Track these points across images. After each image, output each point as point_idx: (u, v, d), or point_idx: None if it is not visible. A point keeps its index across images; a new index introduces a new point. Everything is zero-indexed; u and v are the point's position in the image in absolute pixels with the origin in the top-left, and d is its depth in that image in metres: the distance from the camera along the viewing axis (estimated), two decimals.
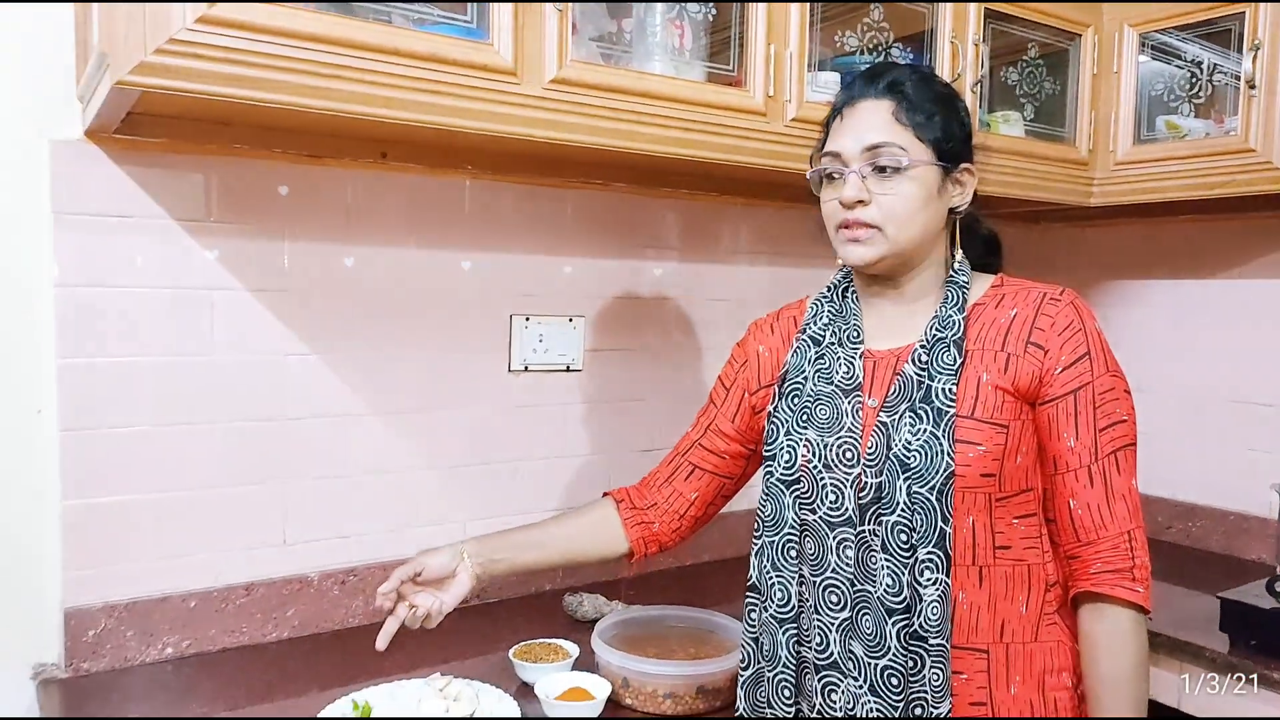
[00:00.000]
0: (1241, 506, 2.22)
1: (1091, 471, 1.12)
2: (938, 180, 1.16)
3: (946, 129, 1.16)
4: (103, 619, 1.48)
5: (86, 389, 1.45)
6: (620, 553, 1.38)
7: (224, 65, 1.13)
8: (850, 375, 1.19)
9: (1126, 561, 1.11)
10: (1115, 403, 1.13)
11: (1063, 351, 1.13)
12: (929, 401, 1.12)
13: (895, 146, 1.14)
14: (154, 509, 1.51)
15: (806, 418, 1.20)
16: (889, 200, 1.14)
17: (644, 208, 1.99)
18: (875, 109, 1.16)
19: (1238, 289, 2.26)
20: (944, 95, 1.19)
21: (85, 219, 1.44)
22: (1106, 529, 1.11)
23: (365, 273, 1.67)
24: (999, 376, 1.13)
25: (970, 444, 1.10)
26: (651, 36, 1.56)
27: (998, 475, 1.11)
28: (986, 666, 1.12)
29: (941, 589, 1.09)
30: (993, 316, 1.17)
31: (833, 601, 1.16)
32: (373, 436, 1.71)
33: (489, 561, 1.31)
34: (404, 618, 1.25)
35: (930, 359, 1.14)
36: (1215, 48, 2.00)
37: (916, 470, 1.10)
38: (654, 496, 1.39)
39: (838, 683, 1.15)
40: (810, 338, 1.26)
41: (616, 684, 1.38)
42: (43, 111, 1.42)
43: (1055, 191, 2.06)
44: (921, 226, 1.16)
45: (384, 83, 1.24)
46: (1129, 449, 1.14)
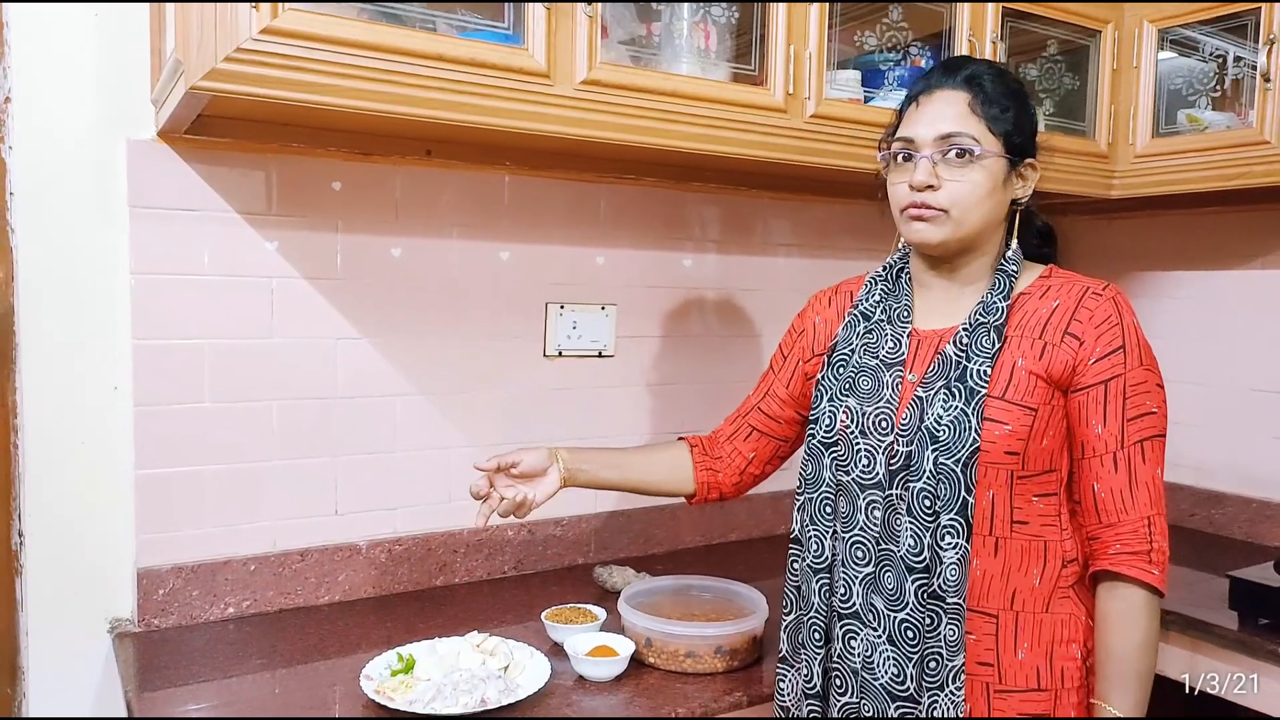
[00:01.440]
0: (1265, 494, 2.25)
1: (1117, 458, 1.17)
2: (1004, 172, 1.23)
3: (1017, 123, 1.23)
4: (171, 579, 1.61)
5: (158, 368, 1.58)
6: (686, 492, 1.50)
7: (286, 71, 1.25)
8: (896, 351, 1.27)
9: (1144, 545, 1.16)
10: (1146, 395, 1.18)
11: (1098, 344, 1.18)
12: (963, 381, 1.18)
13: (968, 136, 1.20)
14: (217, 479, 1.65)
15: (850, 387, 1.28)
16: (958, 186, 1.20)
17: (673, 202, 2.08)
18: (952, 99, 1.23)
19: (1260, 279, 2.28)
20: (1017, 92, 1.25)
21: (157, 212, 1.57)
22: (1128, 513, 1.17)
23: (411, 262, 1.79)
24: (1034, 363, 1.19)
25: (997, 423, 1.17)
26: (678, 39, 1.65)
27: (1021, 454, 1.17)
28: (995, 630, 1.19)
29: (960, 553, 1.16)
30: (1035, 306, 1.23)
31: (858, 557, 1.24)
32: (417, 416, 1.82)
33: (577, 469, 1.44)
34: (496, 505, 1.39)
35: (970, 341, 1.21)
36: (1235, 40, 2.03)
37: (944, 443, 1.17)
38: (720, 450, 1.50)
39: (857, 631, 1.24)
40: (861, 313, 1.33)
41: (640, 643, 1.48)
42: (120, 114, 1.55)
43: (1076, 184, 2.11)
44: (985, 214, 1.22)
45: (429, 85, 1.35)
46: (1156, 440, 1.19)
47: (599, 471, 1.47)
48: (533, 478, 1.42)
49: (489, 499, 1.40)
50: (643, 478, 1.51)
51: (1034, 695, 1.19)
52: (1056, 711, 1.20)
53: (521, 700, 1.33)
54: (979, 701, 1.20)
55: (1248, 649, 1.67)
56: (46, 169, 1.52)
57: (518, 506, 1.39)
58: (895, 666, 1.20)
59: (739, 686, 1.43)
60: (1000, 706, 1.19)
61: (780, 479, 1.98)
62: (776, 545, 2.17)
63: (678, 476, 1.50)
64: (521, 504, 1.40)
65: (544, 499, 1.42)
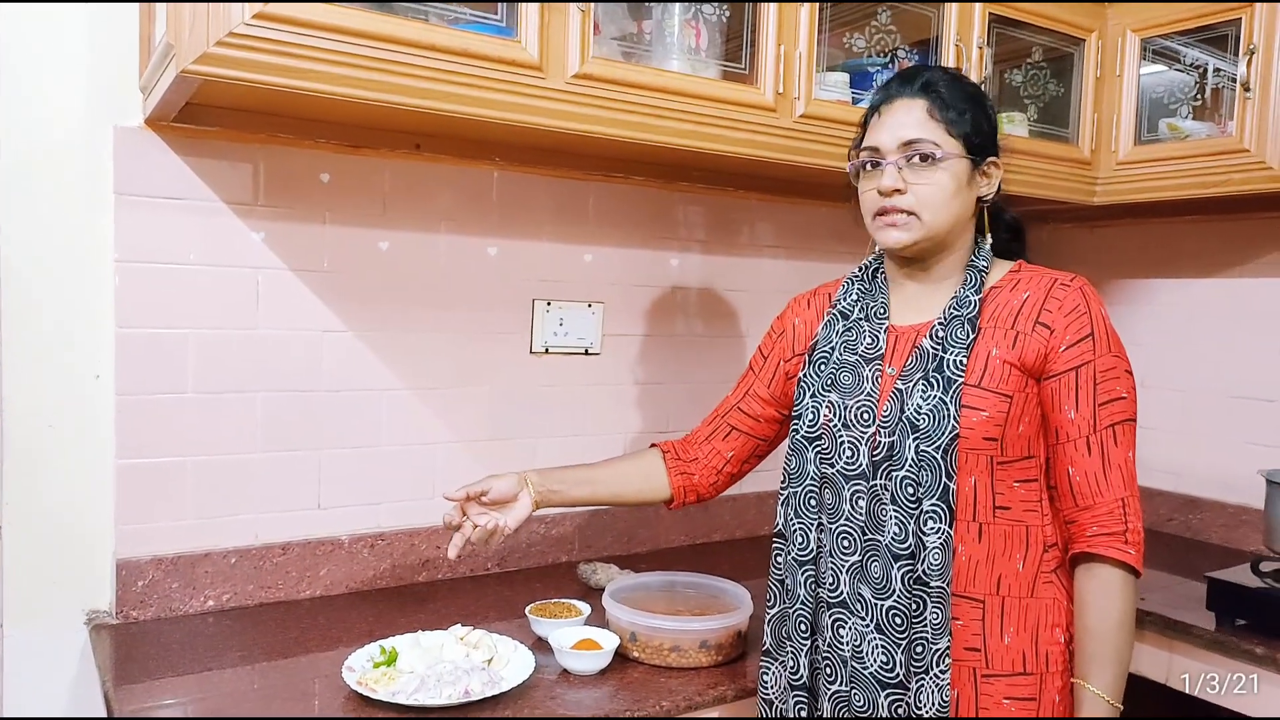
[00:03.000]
0: (1241, 499, 2.27)
1: (1090, 442, 1.21)
2: (967, 172, 1.27)
3: (976, 125, 1.27)
4: (151, 571, 1.59)
5: (141, 357, 1.57)
6: (662, 498, 1.52)
7: (277, 57, 1.25)
8: (874, 346, 1.31)
9: (1120, 525, 1.20)
10: (1115, 381, 1.22)
11: (1067, 331, 1.22)
12: (941, 371, 1.22)
13: (929, 141, 1.25)
14: (199, 471, 1.63)
15: (831, 382, 1.32)
16: (924, 189, 1.25)
17: (662, 201, 2.09)
18: (911, 107, 1.27)
19: (1239, 288, 2.32)
20: (973, 94, 1.30)
21: (143, 200, 1.56)
22: (1102, 495, 1.20)
23: (399, 256, 1.79)
24: (1007, 351, 1.23)
25: (975, 409, 1.20)
26: (669, 36, 1.66)
27: (999, 440, 1.21)
28: (981, 615, 1.22)
29: (943, 538, 1.18)
30: (1007, 298, 1.27)
31: (845, 546, 1.27)
32: (402, 410, 1.81)
33: (548, 491, 1.46)
34: (470, 535, 1.40)
35: (946, 334, 1.25)
36: (1214, 52, 2.07)
37: (925, 431, 1.20)
38: (695, 452, 1.52)
39: (845, 620, 1.26)
40: (840, 312, 1.37)
41: (625, 638, 1.47)
42: (107, 100, 1.54)
43: (1059, 190, 2.13)
44: (953, 214, 1.27)
45: (421, 75, 1.35)
46: (1127, 424, 1.22)
47: (570, 490, 1.49)
48: (504, 504, 1.44)
49: (462, 528, 1.41)
50: (615, 491, 1.53)
51: (1020, 679, 1.21)
52: (1042, 694, 1.22)
53: (505, 692, 1.32)
54: (966, 686, 1.21)
55: (1225, 649, 1.69)
56: (33, 155, 1.51)
57: (490, 534, 1.41)
58: (884, 654, 1.21)
59: (723, 681, 1.43)
60: (987, 690, 1.21)
61: (763, 480, 2.00)
62: (760, 544, 2.18)
63: (652, 485, 1.52)
64: (494, 532, 1.41)
65: (516, 525, 1.44)
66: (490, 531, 1.41)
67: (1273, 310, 2.25)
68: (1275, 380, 2.24)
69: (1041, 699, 1.22)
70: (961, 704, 1.21)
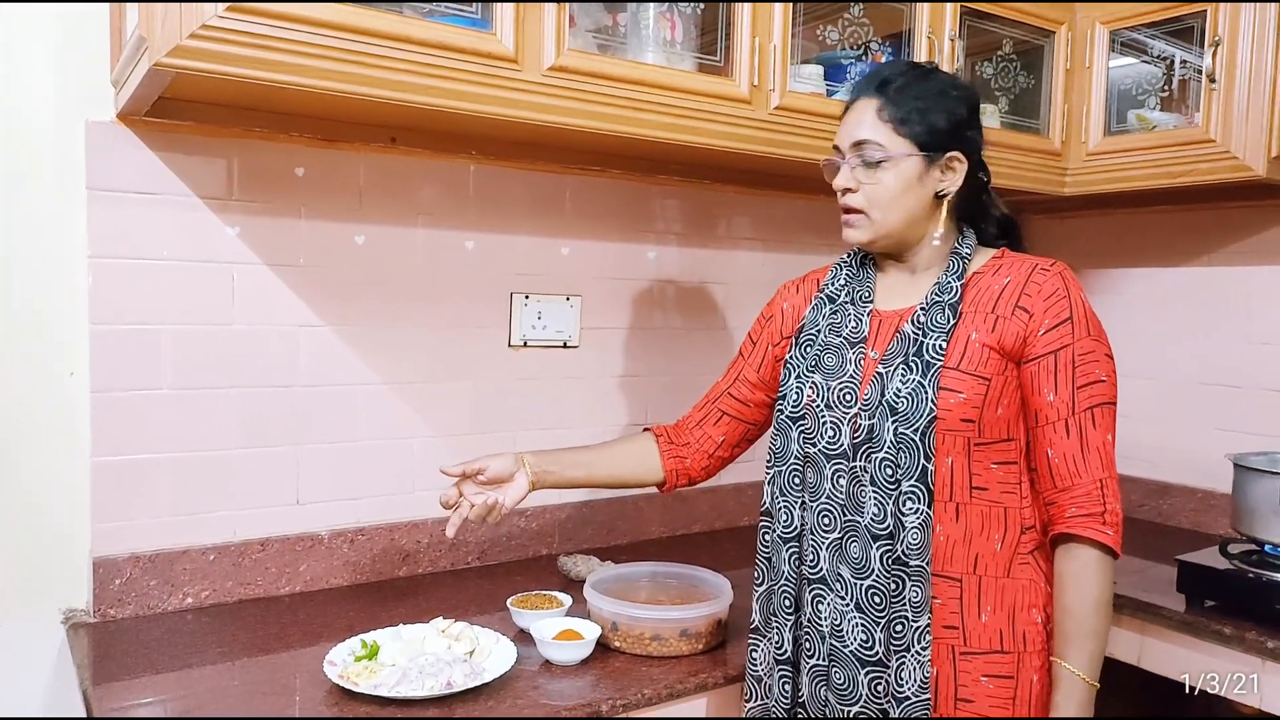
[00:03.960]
0: (1210, 484, 2.32)
1: (1069, 424, 1.23)
2: (919, 170, 1.29)
3: (929, 123, 1.28)
4: (128, 568, 1.58)
5: (116, 353, 1.56)
6: (655, 481, 1.54)
7: (251, 49, 1.24)
8: (858, 329, 1.33)
9: (1098, 507, 1.22)
10: (1094, 364, 1.24)
11: (1046, 315, 1.24)
12: (920, 355, 1.25)
13: (873, 143, 1.28)
14: (177, 467, 1.62)
15: (815, 364, 1.34)
16: (872, 189, 1.29)
17: (639, 194, 2.09)
18: (864, 107, 1.30)
19: (1206, 276, 2.36)
20: (933, 91, 1.30)
21: (116, 195, 1.54)
22: (1081, 477, 1.22)
23: (375, 250, 1.78)
24: (987, 335, 1.25)
25: (953, 391, 1.23)
26: (645, 29, 1.67)
27: (977, 421, 1.23)
28: (959, 594, 1.24)
29: (922, 518, 1.21)
30: (989, 284, 1.29)
31: (825, 524, 1.29)
32: (380, 405, 1.81)
33: (544, 472, 1.46)
34: (467, 513, 1.41)
35: (927, 319, 1.27)
36: (1181, 44, 2.10)
37: (903, 414, 1.23)
38: (687, 437, 1.54)
39: (824, 595, 1.28)
40: (827, 296, 1.40)
41: (606, 628, 1.48)
42: (79, 95, 1.52)
43: (1030, 181, 2.16)
44: (904, 211, 1.29)
45: (396, 68, 1.35)
46: (1105, 406, 1.24)
47: (566, 471, 1.49)
48: (500, 483, 1.44)
49: (458, 507, 1.42)
50: (610, 473, 1.54)
51: (998, 657, 1.24)
52: (1020, 673, 1.24)
53: (488, 683, 1.33)
54: (945, 664, 1.24)
55: (1194, 630, 1.72)
56: (2, 150, 1.49)
57: (488, 512, 1.41)
58: (864, 632, 1.24)
59: (704, 669, 1.45)
60: (965, 668, 1.23)
61: (742, 471, 2.01)
62: (739, 535, 2.20)
63: (646, 466, 1.53)
64: (491, 508, 1.41)
65: (513, 504, 1.44)
66: (488, 508, 1.41)
67: (1239, 298, 2.30)
68: (1242, 367, 2.28)
69: (1019, 677, 1.24)
70: (940, 681, 1.24)
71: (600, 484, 1.56)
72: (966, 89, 1.34)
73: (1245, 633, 1.65)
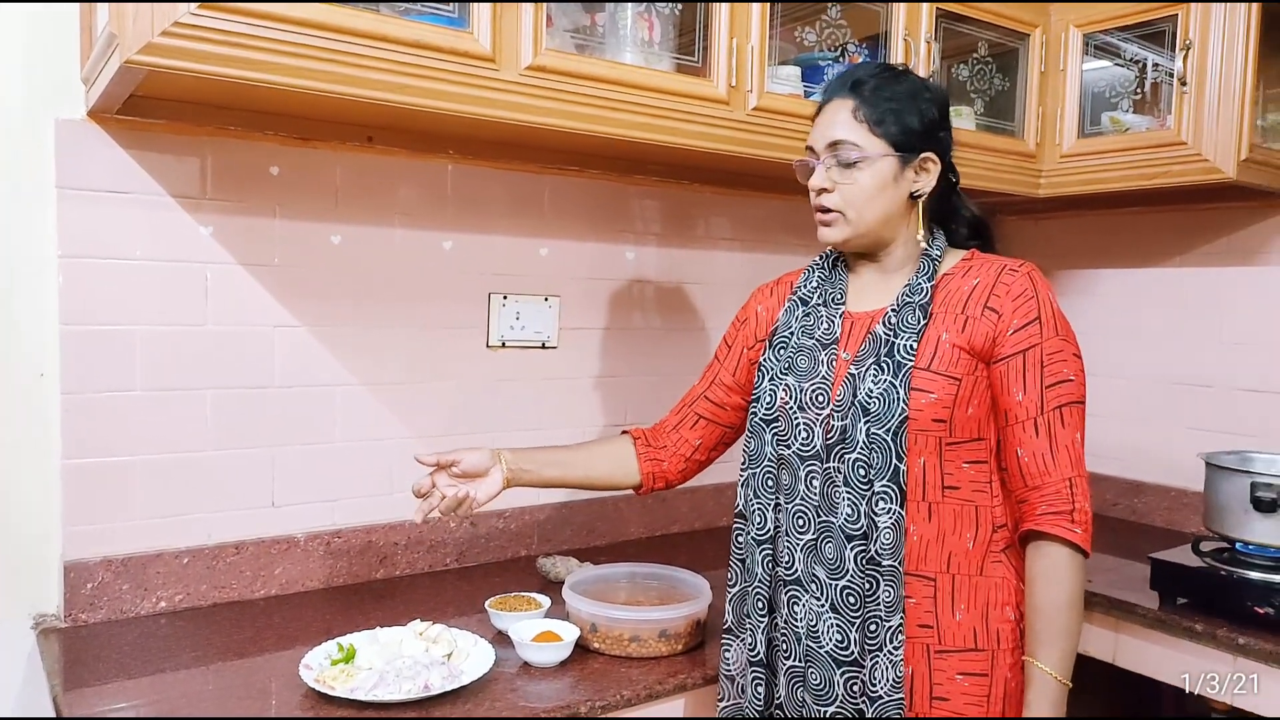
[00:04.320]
0: (1183, 482, 2.34)
1: (1037, 423, 1.24)
2: (894, 170, 1.30)
3: (905, 123, 1.29)
4: (100, 572, 1.56)
5: (87, 354, 1.54)
6: (632, 484, 1.53)
7: (224, 47, 1.22)
8: (830, 331, 1.34)
9: (1067, 505, 1.22)
10: (1062, 364, 1.25)
11: (1015, 315, 1.25)
12: (891, 356, 1.25)
13: (850, 143, 1.29)
14: (150, 469, 1.60)
15: (789, 366, 1.35)
16: (848, 189, 1.30)
17: (618, 194, 2.09)
18: (839, 107, 1.31)
19: (1177, 276, 2.39)
20: (905, 91, 1.31)
21: (87, 194, 1.52)
22: (1050, 475, 1.23)
23: (352, 250, 1.77)
24: (957, 335, 1.26)
25: (924, 392, 1.23)
26: (623, 29, 1.66)
27: (948, 421, 1.24)
28: (933, 593, 1.25)
29: (894, 518, 1.21)
30: (958, 285, 1.30)
31: (799, 525, 1.30)
32: (357, 406, 1.80)
33: (520, 470, 1.46)
34: (436, 503, 1.40)
35: (898, 320, 1.28)
36: (1153, 47, 2.13)
37: (875, 415, 1.23)
38: (664, 440, 1.54)
39: (800, 597, 1.29)
40: (800, 298, 1.41)
41: (585, 629, 1.48)
42: (48, 92, 1.50)
43: (1005, 182, 2.18)
44: (880, 211, 1.30)
45: (372, 66, 1.34)
46: (1074, 405, 1.25)
47: (542, 470, 1.49)
48: (474, 477, 1.43)
49: (429, 496, 1.41)
50: (586, 474, 1.53)
51: (972, 655, 1.25)
52: (994, 670, 1.25)
53: (466, 686, 1.32)
54: (920, 662, 1.24)
55: (1167, 627, 1.74)
56: None
57: (459, 504, 1.40)
58: (839, 633, 1.24)
59: (683, 669, 1.45)
60: (940, 665, 1.24)
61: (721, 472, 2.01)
62: (718, 536, 2.20)
63: (623, 469, 1.52)
64: (463, 501, 1.40)
65: (486, 499, 1.43)
66: (458, 500, 1.40)
67: (1210, 298, 2.33)
68: (1214, 366, 2.31)
69: (993, 675, 1.25)
70: (915, 679, 1.24)
71: (575, 484, 1.56)
72: (938, 90, 1.35)
73: (1216, 629, 1.67)
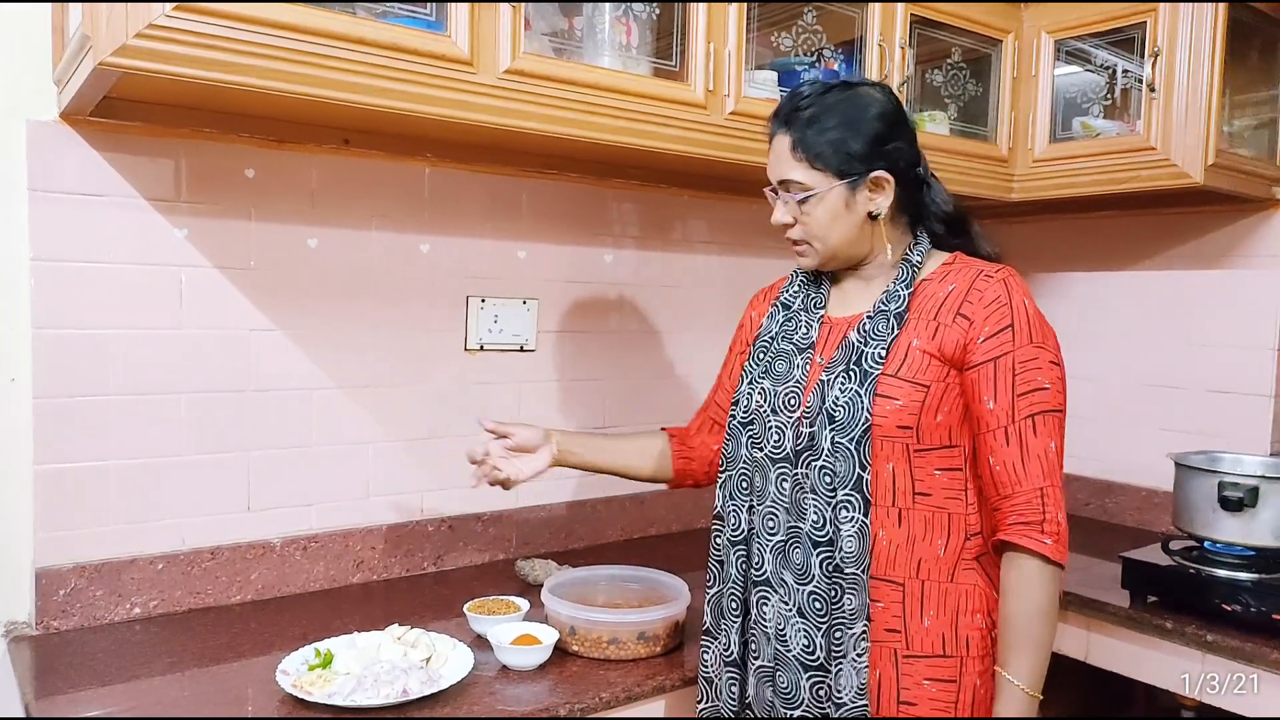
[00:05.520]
0: (1153, 483, 2.38)
1: (1009, 432, 1.23)
2: (844, 197, 1.29)
3: (844, 150, 1.27)
4: (73, 579, 1.54)
5: (59, 359, 1.52)
6: (666, 478, 1.60)
7: (199, 50, 1.22)
8: (807, 336, 1.35)
9: (1038, 515, 1.21)
10: (1036, 371, 1.23)
11: (986, 323, 1.24)
12: (859, 364, 1.26)
13: (794, 182, 1.30)
14: (123, 474, 1.58)
15: (766, 369, 1.36)
16: (807, 220, 1.32)
17: (596, 198, 2.09)
18: (780, 145, 1.31)
19: (1147, 280, 2.43)
20: (844, 116, 1.27)
21: (60, 196, 1.51)
22: (1021, 485, 1.22)
23: (329, 253, 1.76)
24: (927, 342, 1.26)
25: (889, 398, 1.23)
26: (600, 33, 1.67)
27: (915, 428, 1.24)
28: (901, 598, 1.25)
29: (858, 527, 1.22)
30: (935, 290, 1.30)
31: (770, 528, 1.31)
32: (334, 410, 1.79)
33: (567, 450, 1.56)
34: (488, 473, 1.52)
35: (871, 327, 1.28)
36: (1123, 53, 2.16)
37: (840, 423, 1.23)
38: (692, 442, 1.59)
39: (769, 597, 1.30)
40: (782, 303, 1.42)
41: (564, 632, 1.48)
42: (19, 93, 1.48)
43: (978, 187, 2.20)
44: (841, 234, 1.31)
45: (348, 69, 1.33)
46: (1048, 414, 1.23)
47: (587, 455, 1.57)
48: (525, 451, 1.53)
49: (483, 464, 1.51)
50: (628, 462, 1.59)
51: (940, 661, 1.25)
52: (962, 676, 1.25)
53: (444, 690, 1.32)
54: (887, 666, 1.25)
55: (1137, 624, 1.77)
56: None
57: (503, 482, 1.52)
58: (806, 638, 1.25)
59: (662, 671, 1.45)
60: (907, 670, 1.25)
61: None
62: (696, 538, 2.20)
63: (659, 464, 1.59)
64: (506, 481, 1.52)
65: (530, 475, 1.53)
66: (503, 480, 1.51)
67: (1179, 301, 2.36)
68: (1183, 368, 2.35)
69: (962, 681, 1.25)
70: (883, 684, 1.24)
71: (616, 472, 1.61)
72: (882, 101, 1.30)
73: (1185, 627, 1.70)
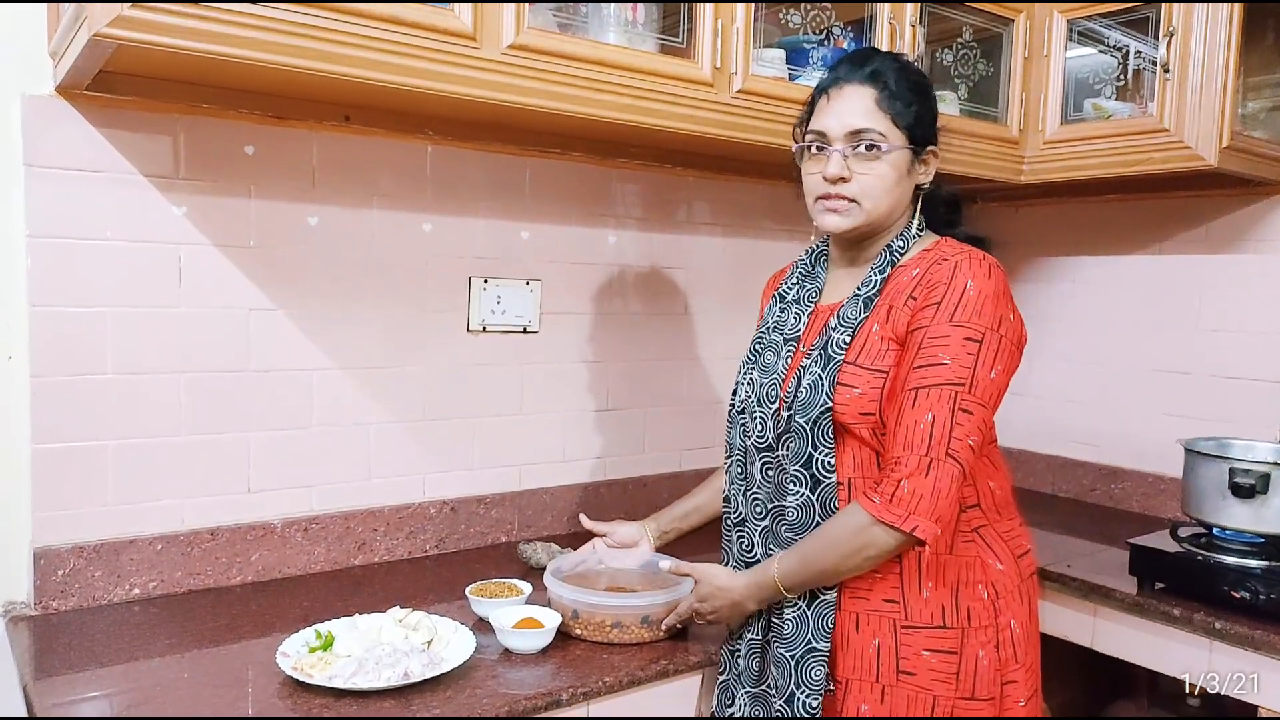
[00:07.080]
0: (1160, 469, 2.36)
1: (901, 401, 1.22)
2: (908, 162, 1.31)
3: (920, 116, 1.30)
4: (71, 559, 1.53)
5: (56, 337, 1.50)
6: None
7: (197, 21, 1.19)
8: (794, 326, 1.37)
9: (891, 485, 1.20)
10: (941, 348, 1.20)
11: (924, 302, 1.25)
12: (825, 350, 1.28)
13: (876, 132, 1.28)
14: (122, 454, 1.57)
15: (755, 361, 1.40)
16: (867, 179, 1.29)
17: (600, 178, 2.07)
18: (859, 94, 1.29)
19: (1157, 264, 2.40)
20: (919, 85, 1.33)
21: (56, 172, 1.48)
22: (890, 451, 1.22)
23: (329, 232, 1.74)
24: (884, 327, 1.27)
25: (849, 387, 1.25)
26: (606, 9, 1.64)
27: (876, 414, 1.25)
28: (899, 569, 1.26)
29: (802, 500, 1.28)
30: (903, 275, 1.30)
31: (758, 512, 1.37)
32: (335, 390, 1.77)
33: (663, 533, 1.64)
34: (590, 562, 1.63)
35: (843, 313, 1.30)
36: (1136, 34, 2.13)
37: (802, 403, 1.27)
38: None
39: None
40: (779, 295, 1.44)
41: (567, 615, 1.47)
42: (13, 67, 1.46)
43: (988, 168, 2.17)
44: (893, 202, 1.31)
45: (349, 42, 1.31)
46: (940, 388, 1.19)
47: (683, 526, 1.65)
48: (625, 546, 1.62)
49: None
50: (715, 509, 1.59)
51: (940, 632, 1.26)
52: (964, 648, 1.26)
53: (446, 674, 1.31)
54: (886, 636, 1.26)
55: (1144, 611, 1.75)
56: None
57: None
58: (794, 610, 1.30)
59: (665, 655, 1.44)
60: (907, 641, 1.26)
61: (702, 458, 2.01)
62: None
63: None
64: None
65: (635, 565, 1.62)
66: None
67: (1189, 285, 2.34)
68: (1191, 353, 2.33)
69: (963, 652, 1.25)
70: (882, 652, 1.26)
71: (710, 520, 1.63)
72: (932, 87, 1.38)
73: (1194, 614, 1.68)
